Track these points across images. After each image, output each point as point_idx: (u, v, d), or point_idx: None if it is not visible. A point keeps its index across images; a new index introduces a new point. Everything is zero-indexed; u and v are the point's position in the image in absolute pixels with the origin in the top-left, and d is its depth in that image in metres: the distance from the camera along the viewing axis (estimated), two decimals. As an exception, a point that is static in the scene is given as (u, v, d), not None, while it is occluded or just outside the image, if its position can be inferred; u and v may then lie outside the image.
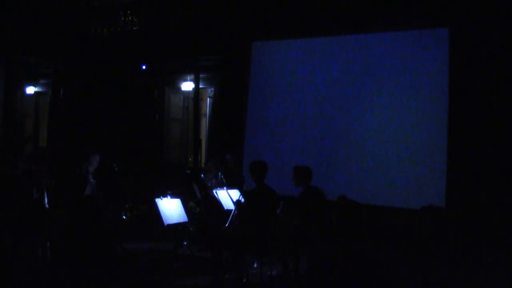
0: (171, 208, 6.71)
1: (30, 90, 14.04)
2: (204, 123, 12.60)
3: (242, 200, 6.13)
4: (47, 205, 7.07)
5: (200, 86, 11.62)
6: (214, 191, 7.47)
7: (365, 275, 2.98)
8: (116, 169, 8.04)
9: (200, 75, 11.47)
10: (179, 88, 12.13)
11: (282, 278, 6.12)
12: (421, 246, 7.68)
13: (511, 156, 7.98)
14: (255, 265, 6.55)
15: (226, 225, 6.33)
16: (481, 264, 6.99)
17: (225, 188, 7.18)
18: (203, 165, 10.45)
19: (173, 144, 12.48)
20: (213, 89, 11.72)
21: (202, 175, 8.31)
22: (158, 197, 6.68)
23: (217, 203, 7.03)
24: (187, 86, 11.79)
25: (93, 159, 7.57)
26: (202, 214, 7.97)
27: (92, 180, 7.45)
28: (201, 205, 8.00)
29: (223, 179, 8.13)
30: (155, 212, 6.63)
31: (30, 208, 7.05)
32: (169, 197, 6.78)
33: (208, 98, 12.23)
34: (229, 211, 6.63)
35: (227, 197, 6.79)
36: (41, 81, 14.06)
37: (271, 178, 6.19)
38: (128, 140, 11.81)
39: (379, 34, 9.14)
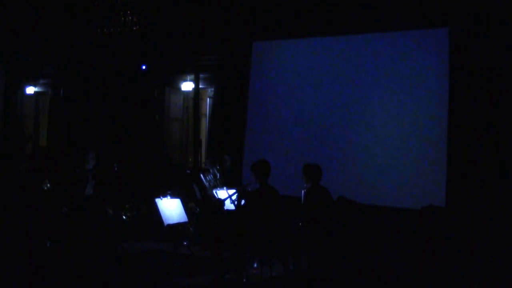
0: (171, 208, 6.71)
1: (30, 90, 14.04)
2: (204, 123, 12.60)
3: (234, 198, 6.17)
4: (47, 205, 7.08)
5: (200, 86, 11.62)
6: (214, 191, 7.48)
7: (365, 274, 2.98)
8: (116, 169, 8.04)
9: (200, 75, 11.47)
10: (179, 88, 12.13)
11: (282, 278, 6.12)
12: (421, 246, 7.68)
13: (511, 156, 7.98)
14: (255, 265, 6.55)
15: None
16: (481, 264, 6.99)
17: (225, 188, 7.19)
18: (203, 165, 10.46)
19: (173, 144, 12.49)
20: (213, 89, 11.72)
21: (201, 175, 8.32)
22: (158, 197, 6.68)
23: (217, 203, 7.04)
24: (187, 86, 11.79)
25: (88, 156, 7.54)
26: (202, 214, 7.97)
27: (91, 180, 7.44)
28: (201, 205, 8.00)
29: (220, 179, 8.17)
30: (155, 212, 6.63)
31: (32, 207, 7.07)
32: (169, 197, 6.78)
33: (208, 98, 12.23)
34: (229, 211, 6.64)
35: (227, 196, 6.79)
36: (41, 81, 14.06)
37: (271, 178, 6.19)
38: (128, 140, 11.81)
39: (379, 34, 9.14)
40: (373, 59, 9.14)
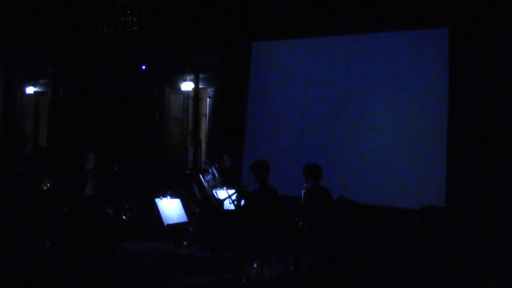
0: (171, 208, 6.71)
1: (30, 90, 14.05)
2: (204, 123, 12.60)
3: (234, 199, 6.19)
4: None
5: (200, 86, 11.62)
6: (214, 191, 7.47)
7: (365, 275, 2.97)
8: (116, 169, 8.04)
9: (200, 75, 11.47)
10: (179, 88, 12.13)
11: (282, 278, 6.12)
12: (421, 246, 7.67)
13: (511, 156, 7.97)
14: (255, 265, 6.55)
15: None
16: (481, 264, 6.98)
17: (225, 188, 7.18)
18: (203, 165, 10.46)
19: (173, 144, 12.49)
20: (213, 89, 11.73)
21: (200, 176, 8.32)
22: (158, 197, 6.68)
23: (218, 203, 7.03)
24: (187, 86, 11.80)
25: (88, 156, 7.54)
26: (202, 214, 7.97)
27: (91, 180, 7.44)
28: (201, 205, 8.00)
29: (219, 179, 8.17)
30: (155, 212, 6.62)
31: (32, 207, 7.06)
32: (169, 197, 6.77)
33: (208, 98, 12.24)
34: (229, 211, 6.63)
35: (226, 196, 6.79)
36: (41, 81, 14.07)
37: (271, 178, 6.19)
38: (128, 140, 11.81)
39: (379, 34, 9.13)
40: (373, 59, 9.13)
